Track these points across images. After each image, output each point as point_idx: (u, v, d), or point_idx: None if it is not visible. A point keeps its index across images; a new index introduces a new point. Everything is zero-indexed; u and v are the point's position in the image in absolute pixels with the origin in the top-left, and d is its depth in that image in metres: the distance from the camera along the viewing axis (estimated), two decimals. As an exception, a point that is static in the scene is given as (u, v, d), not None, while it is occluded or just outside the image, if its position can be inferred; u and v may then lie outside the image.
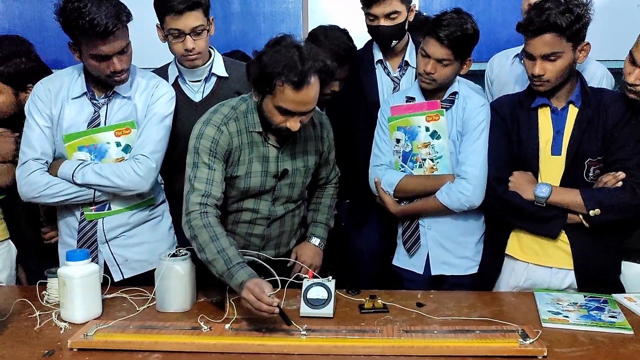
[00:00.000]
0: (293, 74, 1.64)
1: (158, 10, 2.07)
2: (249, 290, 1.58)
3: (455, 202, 2.06)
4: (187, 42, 2.05)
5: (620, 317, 1.72)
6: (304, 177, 1.98)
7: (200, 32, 2.05)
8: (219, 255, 1.67)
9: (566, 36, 1.85)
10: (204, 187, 1.78)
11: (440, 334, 1.61)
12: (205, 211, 1.74)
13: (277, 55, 1.67)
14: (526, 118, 2.01)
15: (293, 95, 1.68)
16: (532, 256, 2.02)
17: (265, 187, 1.91)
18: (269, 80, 1.68)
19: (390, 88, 2.42)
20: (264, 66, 1.68)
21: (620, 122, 1.93)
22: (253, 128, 1.85)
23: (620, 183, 1.89)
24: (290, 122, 1.74)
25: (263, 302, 1.56)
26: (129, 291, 1.92)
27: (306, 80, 1.66)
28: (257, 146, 1.87)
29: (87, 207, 1.99)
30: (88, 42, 1.83)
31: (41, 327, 1.70)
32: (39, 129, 1.96)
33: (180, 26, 2.03)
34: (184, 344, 1.58)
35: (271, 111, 1.75)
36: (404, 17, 2.30)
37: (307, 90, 1.68)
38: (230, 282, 1.65)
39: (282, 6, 3.11)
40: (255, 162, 1.87)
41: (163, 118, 2.01)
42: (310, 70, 1.67)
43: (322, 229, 2.10)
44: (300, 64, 1.65)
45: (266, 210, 1.95)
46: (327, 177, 2.14)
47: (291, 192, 1.97)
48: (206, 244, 1.69)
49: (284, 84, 1.66)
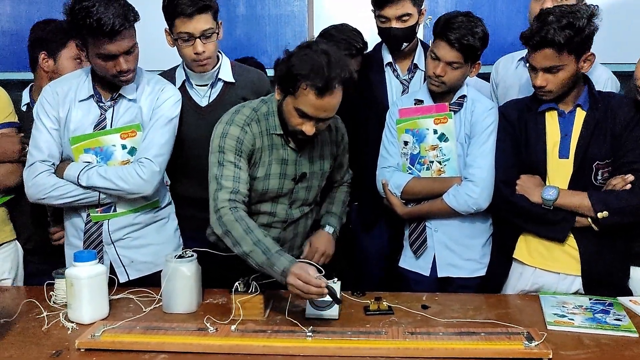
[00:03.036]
0: (319, 79, 1.65)
1: (167, 14, 2.08)
2: (295, 276, 1.60)
3: (463, 204, 2.06)
4: (197, 45, 2.05)
5: (625, 319, 1.72)
6: (320, 181, 1.99)
7: (209, 35, 2.06)
8: (256, 246, 1.68)
9: (566, 50, 1.85)
10: (232, 185, 1.79)
11: (445, 335, 1.61)
12: (235, 207, 1.76)
13: (306, 58, 1.68)
14: (533, 121, 2.01)
15: (315, 100, 1.68)
16: (540, 261, 2.01)
17: (282, 190, 1.92)
18: (294, 81, 1.69)
19: (399, 90, 2.43)
20: (292, 66, 1.69)
21: (629, 125, 1.92)
22: (274, 130, 1.86)
23: (629, 186, 1.88)
24: (307, 126, 1.75)
25: (311, 284, 1.59)
26: (135, 292, 1.93)
27: (330, 88, 1.67)
28: (277, 149, 1.87)
29: (93, 208, 2.00)
30: (95, 41, 1.85)
31: (49, 327, 1.71)
32: (46, 131, 1.98)
33: (190, 29, 2.03)
34: (190, 345, 1.59)
35: (290, 112, 1.76)
36: (415, 19, 2.30)
37: (330, 98, 1.69)
38: (271, 271, 1.66)
39: (287, 9, 3.11)
40: (275, 164, 1.88)
41: (168, 121, 2.02)
42: (336, 78, 1.67)
43: (336, 220, 2.10)
44: (327, 70, 1.65)
45: (283, 214, 1.96)
46: (342, 179, 2.17)
47: (307, 195, 1.98)
48: (241, 237, 1.71)
49: (307, 87, 1.67)
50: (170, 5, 2.05)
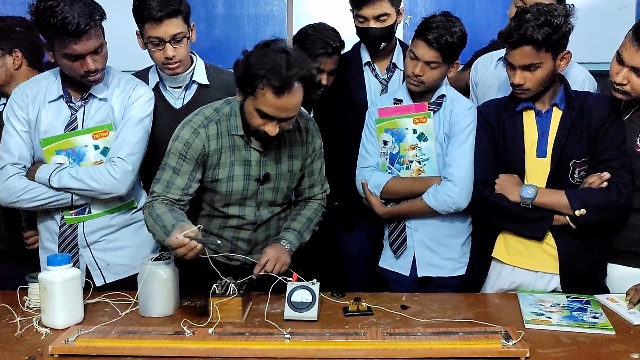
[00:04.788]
0: (276, 78, 1.63)
1: (137, 18, 2.05)
2: (174, 244, 1.62)
3: (442, 204, 2.06)
4: (167, 50, 2.03)
5: (602, 317, 1.73)
6: (289, 182, 1.96)
7: (180, 39, 2.04)
8: (156, 224, 1.73)
9: (544, 48, 1.86)
10: (161, 190, 1.83)
11: (424, 336, 1.61)
12: (151, 204, 1.80)
13: (264, 58, 1.66)
14: (511, 121, 2.02)
15: (274, 100, 1.67)
16: (518, 259, 2.02)
17: (248, 192, 1.90)
18: (252, 81, 1.67)
19: (378, 90, 2.43)
20: (249, 66, 1.67)
21: (604, 123, 1.94)
22: (235, 131, 1.84)
23: (606, 183, 1.90)
24: (269, 126, 1.73)
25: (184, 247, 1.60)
26: (111, 296, 1.91)
27: (288, 87, 1.65)
28: (239, 150, 1.86)
29: (67, 211, 1.97)
30: (61, 41, 1.82)
31: (22, 332, 1.68)
32: (16, 133, 1.95)
33: (159, 34, 2.01)
34: (167, 349, 1.57)
35: (251, 112, 1.75)
36: (394, 19, 2.32)
37: (289, 97, 1.67)
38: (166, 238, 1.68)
39: (266, 9, 3.10)
40: (237, 165, 1.87)
41: (140, 120, 2.00)
42: (294, 77, 1.66)
43: (294, 236, 1.93)
44: (285, 69, 1.64)
45: (252, 216, 1.94)
46: (312, 189, 2.05)
47: (275, 197, 1.96)
48: (152, 226, 1.76)
49: (265, 87, 1.65)
50: (139, 9, 2.02)
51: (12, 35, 2.19)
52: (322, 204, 2.07)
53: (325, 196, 2.09)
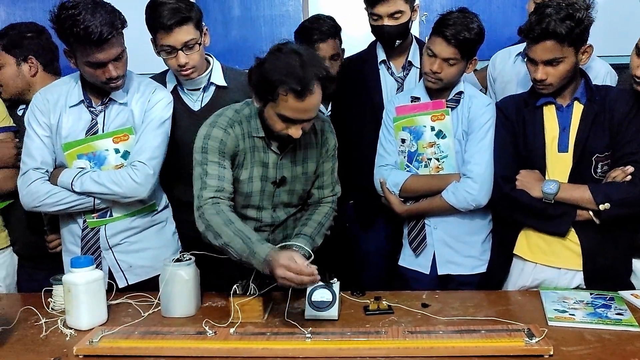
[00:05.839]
0: (295, 82, 1.63)
1: (149, 27, 2.06)
2: (284, 267, 1.58)
3: (462, 201, 2.05)
4: (179, 57, 2.04)
5: (627, 314, 1.70)
6: (304, 184, 1.96)
7: (192, 46, 2.04)
8: (236, 235, 1.68)
9: (567, 42, 1.84)
10: (216, 183, 1.79)
11: (445, 334, 1.60)
12: (218, 202, 1.76)
13: (278, 63, 1.66)
14: (531, 116, 2.00)
15: (295, 104, 1.67)
16: (541, 256, 2.00)
17: (265, 193, 1.91)
18: (271, 87, 1.67)
19: (394, 88, 2.43)
20: (266, 73, 1.67)
21: (627, 116, 1.91)
22: (256, 133, 1.85)
23: (629, 177, 1.87)
24: (292, 129, 1.73)
25: (304, 274, 1.57)
26: (133, 297, 1.92)
27: (308, 89, 1.65)
28: (258, 151, 1.86)
29: (89, 214, 2.00)
30: (83, 49, 1.84)
31: (47, 334, 1.71)
32: (38, 138, 1.98)
33: (171, 42, 2.02)
34: (189, 349, 1.58)
35: (272, 118, 1.74)
36: (408, 16, 2.31)
37: (310, 99, 1.67)
38: (252, 259, 1.65)
39: (282, 9, 3.11)
40: (257, 166, 1.87)
41: (161, 123, 2.01)
42: (312, 77, 1.66)
43: (305, 241, 1.84)
44: (301, 70, 1.64)
45: (269, 218, 1.95)
46: (321, 190, 1.99)
47: (291, 199, 1.96)
48: (221, 228, 1.70)
49: (287, 92, 1.65)
50: (150, 18, 2.03)
51: (25, 42, 2.22)
52: (333, 207, 2.00)
53: (335, 199, 2.02)
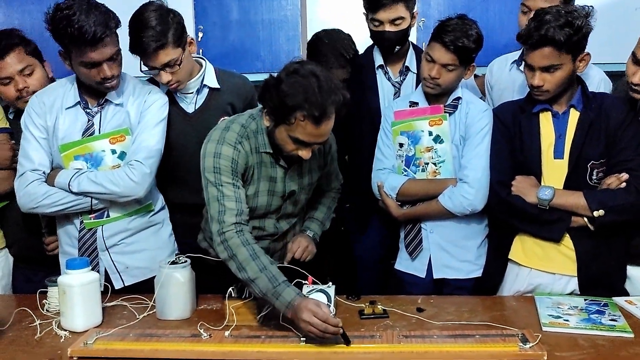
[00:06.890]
0: (314, 108, 1.61)
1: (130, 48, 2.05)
2: (312, 313, 1.55)
3: (458, 205, 2.06)
4: (162, 76, 2.05)
5: (620, 320, 1.71)
6: (307, 194, 1.98)
7: (173, 65, 2.05)
8: (262, 273, 1.64)
9: (565, 49, 1.85)
10: (235, 206, 1.74)
11: (440, 338, 1.61)
12: (241, 229, 1.71)
13: (296, 86, 1.62)
14: (528, 123, 2.01)
15: (312, 130, 1.65)
16: (536, 261, 2.00)
17: (271, 207, 1.90)
18: (289, 112, 1.64)
19: (391, 93, 2.43)
20: (284, 97, 1.62)
21: (622, 124, 1.92)
22: (264, 149, 1.82)
23: (624, 184, 1.88)
24: (304, 151, 1.72)
25: (330, 324, 1.54)
26: (129, 299, 1.92)
27: (327, 115, 1.64)
28: (266, 166, 1.85)
29: (86, 215, 2.00)
30: (77, 50, 1.85)
31: (41, 335, 1.71)
32: (34, 140, 1.98)
33: (154, 64, 2.03)
34: (183, 352, 1.58)
35: (285, 139, 1.71)
36: (408, 22, 2.32)
37: (326, 124, 1.66)
38: (274, 300, 1.62)
39: (280, 13, 3.12)
40: (263, 181, 1.86)
41: (157, 123, 2.02)
42: (332, 105, 1.64)
43: (317, 225, 2.06)
44: (320, 96, 1.61)
45: (272, 228, 1.95)
46: (329, 184, 2.13)
47: (295, 210, 1.97)
48: (247, 262, 1.66)
49: (305, 118, 1.63)
50: (131, 45, 2.03)
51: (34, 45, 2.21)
52: (339, 191, 2.19)
53: (340, 185, 2.18)
